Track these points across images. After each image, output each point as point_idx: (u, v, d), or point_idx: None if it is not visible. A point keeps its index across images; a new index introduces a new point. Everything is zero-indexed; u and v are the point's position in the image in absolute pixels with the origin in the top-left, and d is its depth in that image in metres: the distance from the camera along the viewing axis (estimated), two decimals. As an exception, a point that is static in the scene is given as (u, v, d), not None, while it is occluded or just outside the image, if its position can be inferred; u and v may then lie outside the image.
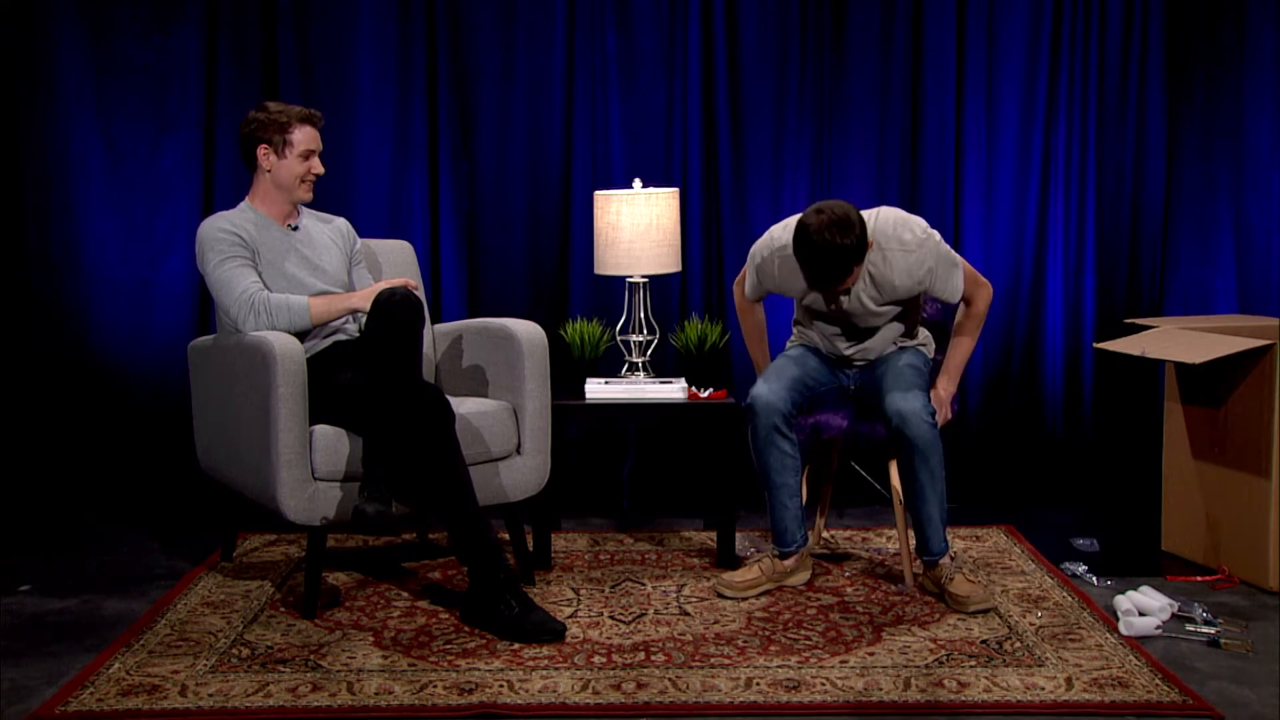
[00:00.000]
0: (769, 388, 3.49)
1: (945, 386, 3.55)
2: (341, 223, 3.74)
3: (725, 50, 4.54)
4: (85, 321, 4.50)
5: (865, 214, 3.34)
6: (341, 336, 3.58)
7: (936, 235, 3.41)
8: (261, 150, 3.51)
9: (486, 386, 3.74)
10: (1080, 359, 4.69)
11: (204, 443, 3.73)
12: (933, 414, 3.39)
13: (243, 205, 3.59)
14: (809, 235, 3.19)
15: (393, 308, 3.25)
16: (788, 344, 3.76)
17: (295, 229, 3.59)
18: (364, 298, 3.43)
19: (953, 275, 3.42)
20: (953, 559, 3.52)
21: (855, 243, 3.19)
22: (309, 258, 3.56)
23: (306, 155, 3.53)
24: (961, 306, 3.54)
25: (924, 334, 3.67)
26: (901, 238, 3.37)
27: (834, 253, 3.18)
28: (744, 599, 3.48)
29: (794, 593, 3.54)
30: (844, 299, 3.46)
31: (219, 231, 3.47)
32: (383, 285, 3.39)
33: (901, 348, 3.60)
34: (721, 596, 3.49)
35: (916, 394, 3.39)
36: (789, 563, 3.57)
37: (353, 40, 4.48)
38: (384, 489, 3.24)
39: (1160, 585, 3.54)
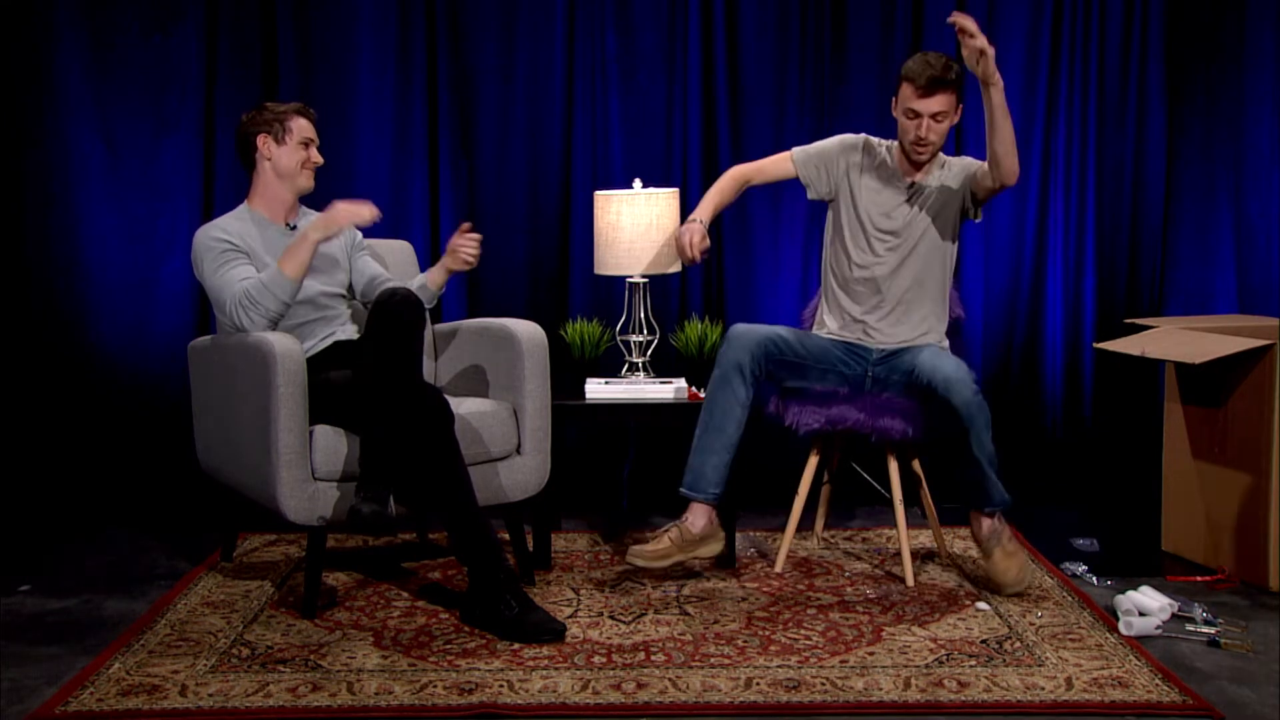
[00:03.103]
0: (750, 327, 3.53)
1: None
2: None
3: (725, 50, 4.54)
4: (85, 321, 4.50)
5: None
6: (341, 337, 3.58)
7: None
8: (261, 139, 3.51)
9: (486, 386, 3.74)
10: (1080, 359, 4.68)
11: (204, 443, 3.73)
12: (977, 379, 3.40)
13: (240, 209, 3.59)
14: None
15: (394, 307, 3.25)
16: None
17: (294, 228, 3.59)
18: (318, 226, 3.39)
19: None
20: (1000, 524, 3.49)
21: (960, 74, 3.51)
22: None
23: (305, 144, 3.54)
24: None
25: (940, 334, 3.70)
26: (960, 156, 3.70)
27: (947, 62, 3.53)
28: (654, 568, 3.48)
29: (794, 592, 3.54)
30: (918, 178, 3.63)
31: (210, 240, 3.46)
32: (343, 211, 3.39)
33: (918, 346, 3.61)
34: (633, 566, 3.47)
35: (959, 365, 3.40)
36: (698, 526, 3.50)
37: (353, 40, 4.48)
38: (381, 489, 3.24)
39: (1160, 585, 3.54)
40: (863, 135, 3.77)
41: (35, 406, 4.48)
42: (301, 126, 3.54)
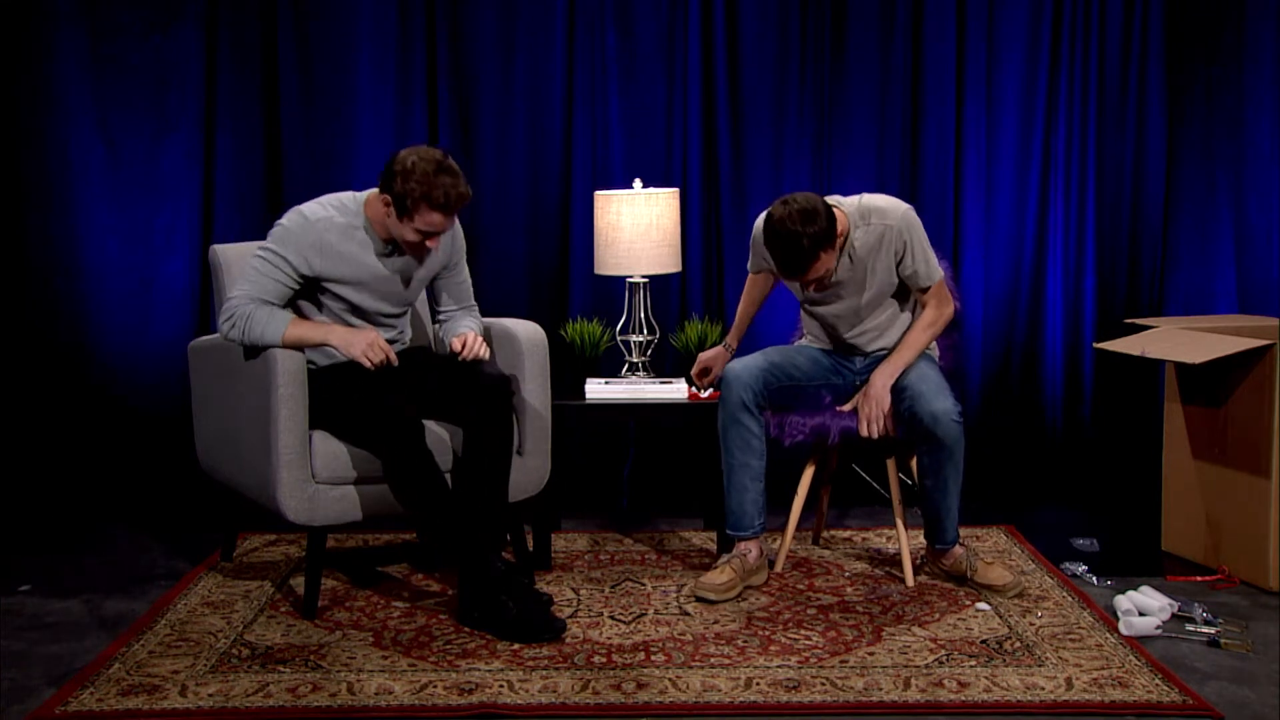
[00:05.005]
0: (744, 364, 3.53)
1: (886, 375, 3.47)
2: (452, 230, 3.51)
3: (725, 50, 4.54)
4: (85, 321, 4.50)
5: (849, 199, 3.46)
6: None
7: (913, 211, 3.49)
8: (385, 199, 3.23)
9: (486, 386, 3.73)
10: (1080, 359, 4.68)
11: (204, 443, 3.73)
12: (961, 413, 3.41)
13: (359, 207, 3.35)
14: (774, 225, 3.28)
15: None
16: (794, 340, 3.78)
17: (389, 254, 3.39)
18: (342, 339, 3.28)
19: (928, 253, 3.48)
20: (964, 546, 3.59)
21: (819, 233, 3.25)
22: (386, 278, 3.39)
23: (424, 234, 3.25)
24: (923, 309, 3.56)
25: None
26: (883, 210, 3.45)
27: (798, 241, 3.24)
28: (725, 600, 3.45)
29: (794, 592, 3.54)
30: (823, 290, 3.50)
31: (291, 237, 3.27)
32: (357, 345, 3.27)
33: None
34: (706, 600, 3.44)
35: (945, 394, 3.42)
36: (752, 555, 3.53)
37: (353, 40, 4.47)
38: (506, 575, 3.25)
39: (1160, 585, 3.54)
40: (759, 226, 3.51)
41: (35, 406, 4.48)
42: (430, 221, 3.20)
